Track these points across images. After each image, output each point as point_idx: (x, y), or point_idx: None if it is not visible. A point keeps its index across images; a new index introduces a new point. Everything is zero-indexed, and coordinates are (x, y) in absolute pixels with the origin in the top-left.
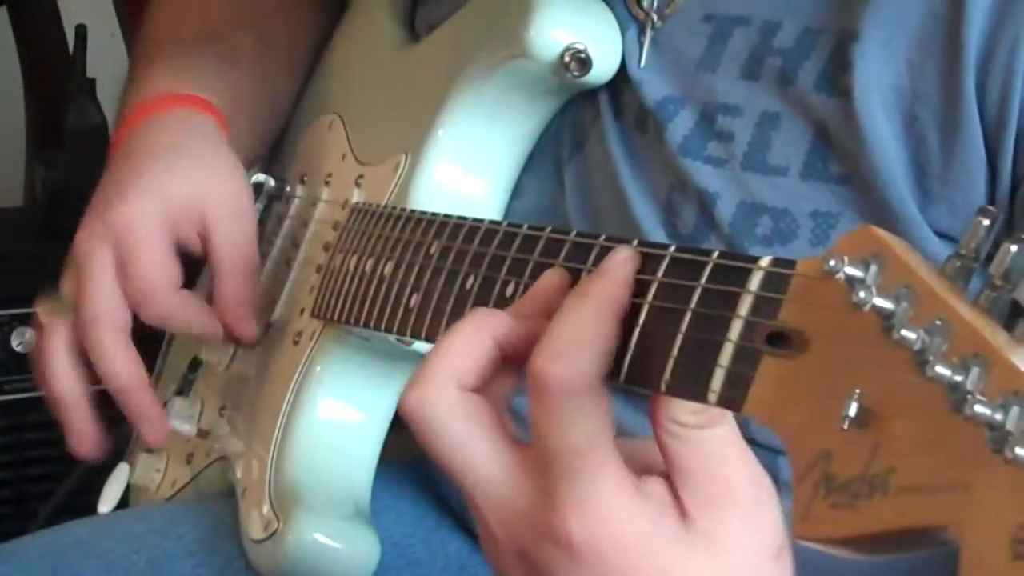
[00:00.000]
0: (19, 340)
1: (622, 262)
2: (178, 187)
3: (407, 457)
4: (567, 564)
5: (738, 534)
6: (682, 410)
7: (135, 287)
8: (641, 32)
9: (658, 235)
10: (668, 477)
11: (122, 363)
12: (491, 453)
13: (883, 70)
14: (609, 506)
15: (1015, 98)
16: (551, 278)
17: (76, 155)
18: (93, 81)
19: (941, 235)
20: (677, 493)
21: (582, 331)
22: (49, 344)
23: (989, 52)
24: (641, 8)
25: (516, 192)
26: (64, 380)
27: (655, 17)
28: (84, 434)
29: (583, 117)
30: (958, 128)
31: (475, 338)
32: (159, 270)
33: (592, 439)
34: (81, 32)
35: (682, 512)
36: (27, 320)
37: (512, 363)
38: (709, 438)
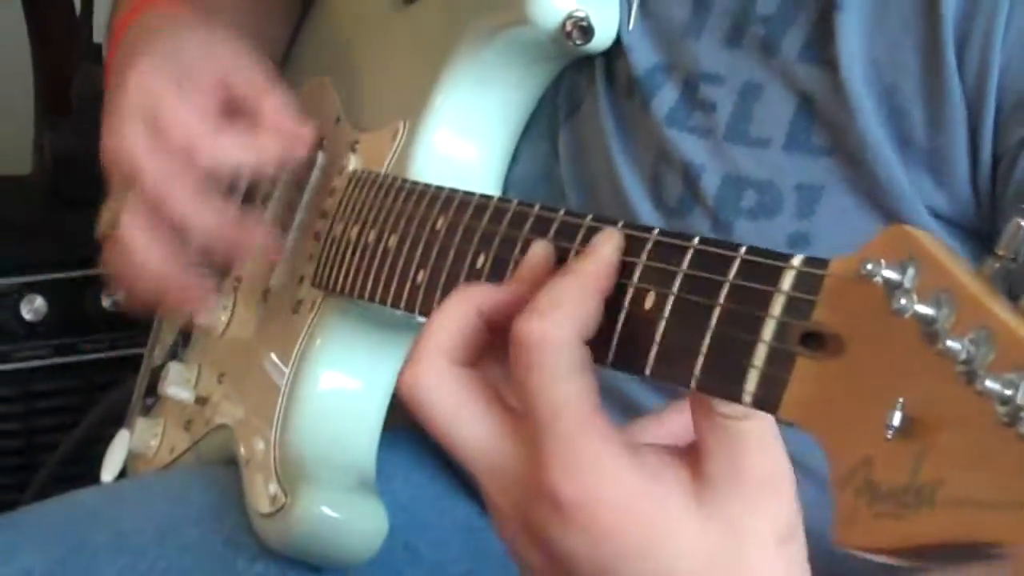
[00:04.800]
0: (28, 308)
1: (604, 243)
2: (188, 51)
3: (412, 421)
4: (560, 525)
5: (740, 514)
6: (722, 402)
7: (176, 140)
8: None
9: (644, 207)
10: (687, 453)
11: (209, 208)
12: (483, 422)
13: (864, 41)
14: (595, 464)
15: (993, 71)
16: (537, 252)
17: (83, 121)
18: (100, 47)
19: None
20: (695, 465)
21: (560, 294)
22: (125, 233)
23: (967, 24)
24: None
25: (512, 157)
26: (154, 251)
27: None
28: (194, 291)
29: (579, 82)
30: (942, 100)
31: (459, 312)
32: (192, 115)
33: (573, 397)
34: None
35: (692, 483)
36: (36, 287)
37: (503, 336)
38: (741, 428)
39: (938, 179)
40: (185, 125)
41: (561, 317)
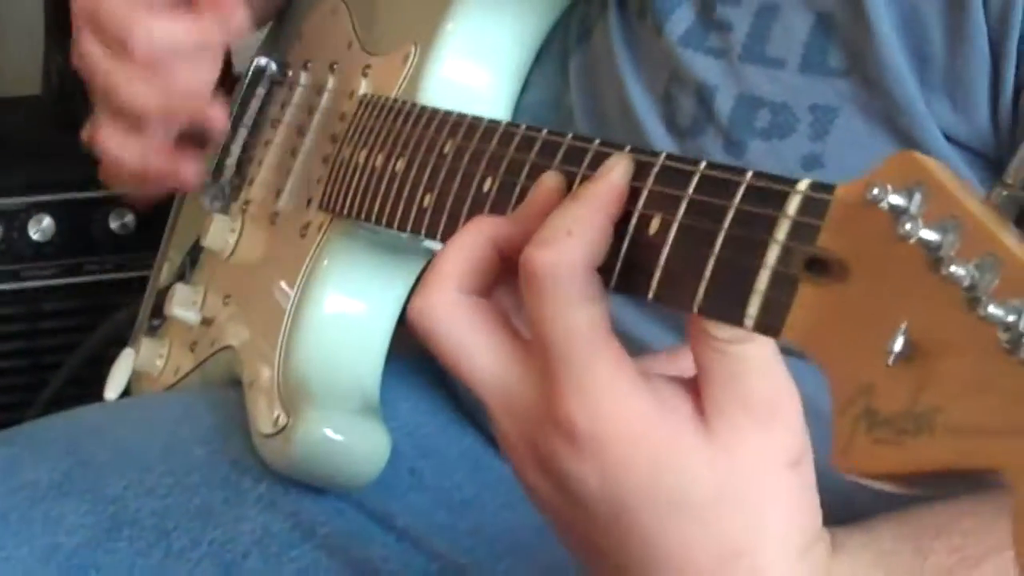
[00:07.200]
0: (36, 228)
1: (613, 167)
2: None
3: (420, 351)
4: (572, 454)
5: (747, 439)
6: (720, 326)
7: (112, 32)
8: None
9: (657, 129)
10: (693, 384)
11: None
12: (493, 350)
13: None
14: (606, 390)
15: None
16: (548, 182)
17: None
18: None
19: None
20: (699, 396)
21: (569, 221)
22: (98, 134)
23: None
24: None
25: (523, 84)
26: (127, 147)
27: None
28: (177, 170)
29: (591, 7)
30: (961, 24)
31: (473, 242)
32: (124, 5)
33: (586, 324)
34: None
35: (698, 413)
36: (44, 207)
37: (515, 267)
38: (740, 352)
39: (956, 103)
40: (117, 16)
41: (571, 244)
